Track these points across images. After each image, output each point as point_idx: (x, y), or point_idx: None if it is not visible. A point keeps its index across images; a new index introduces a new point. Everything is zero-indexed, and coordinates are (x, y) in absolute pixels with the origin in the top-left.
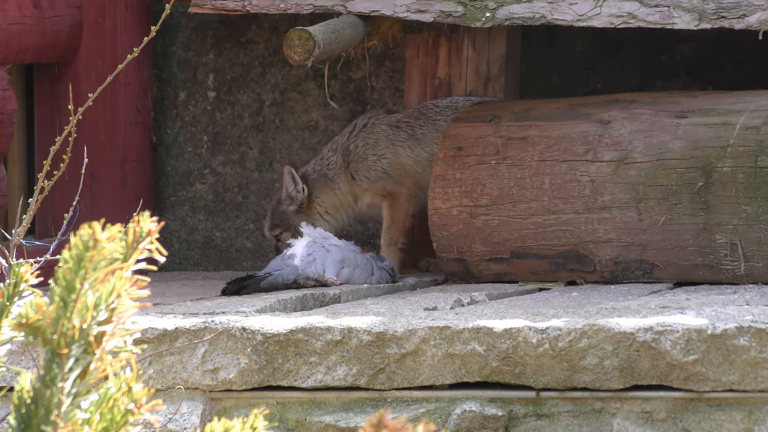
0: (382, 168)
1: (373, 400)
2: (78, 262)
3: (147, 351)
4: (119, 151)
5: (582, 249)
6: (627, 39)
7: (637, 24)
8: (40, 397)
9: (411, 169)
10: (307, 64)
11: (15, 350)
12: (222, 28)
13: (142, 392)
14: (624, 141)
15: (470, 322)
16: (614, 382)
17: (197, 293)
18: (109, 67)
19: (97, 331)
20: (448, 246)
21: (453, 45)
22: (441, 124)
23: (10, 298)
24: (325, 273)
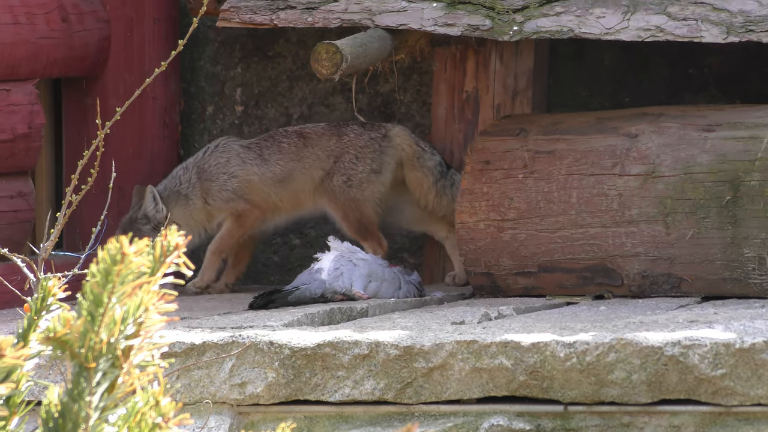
0: (233, 187)
1: (401, 415)
2: (105, 276)
3: (174, 365)
4: (147, 165)
5: (609, 263)
6: (655, 52)
7: (664, 37)
8: (68, 411)
9: (258, 187)
10: (335, 78)
11: (43, 364)
12: (250, 42)
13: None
14: (652, 155)
15: (498, 336)
16: (642, 397)
17: (225, 307)
18: (137, 81)
19: (124, 345)
20: (476, 260)
21: (480, 58)
22: (284, 147)
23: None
24: (353, 287)
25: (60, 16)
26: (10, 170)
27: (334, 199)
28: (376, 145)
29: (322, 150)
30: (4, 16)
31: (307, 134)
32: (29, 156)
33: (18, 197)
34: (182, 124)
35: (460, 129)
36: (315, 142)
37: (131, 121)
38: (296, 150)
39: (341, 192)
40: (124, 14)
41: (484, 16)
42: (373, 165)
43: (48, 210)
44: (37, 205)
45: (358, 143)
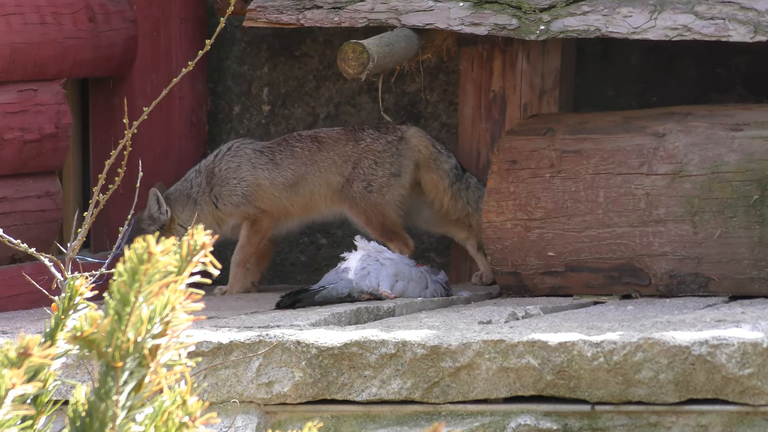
0: (242, 192)
1: (428, 414)
2: (132, 275)
3: (201, 364)
4: (174, 165)
5: (637, 262)
6: (682, 52)
7: (692, 36)
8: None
9: (268, 192)
10: (361, 78)
11: (70, 363)
12: (276, 42)
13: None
14: (679, 154)
15: (525, 336)
16: (669, 396)
17: (252, 307)
18: (164, 80)
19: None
20: (503, 259)
21: (507, 58)
22: (297, 151)
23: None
24: (380, 286)
25: (87, 16)
26: (38, 170)
27: (356, 206)
28: (393, 149)
29: (338, 155)
30: (31, 16)
31: (322, 138)
32: (56, 156)
33: (45, 197)
34: (209, 124)
35: (487, 128)
36: (330, 147)
37: (158, 121)
38: (309, 154)
39: (362, 198)
40: (150, 14)
41: (510, 16)
42: (392, 169)
43: (75, 210)
44: (65, 205)
45: (375, 148)
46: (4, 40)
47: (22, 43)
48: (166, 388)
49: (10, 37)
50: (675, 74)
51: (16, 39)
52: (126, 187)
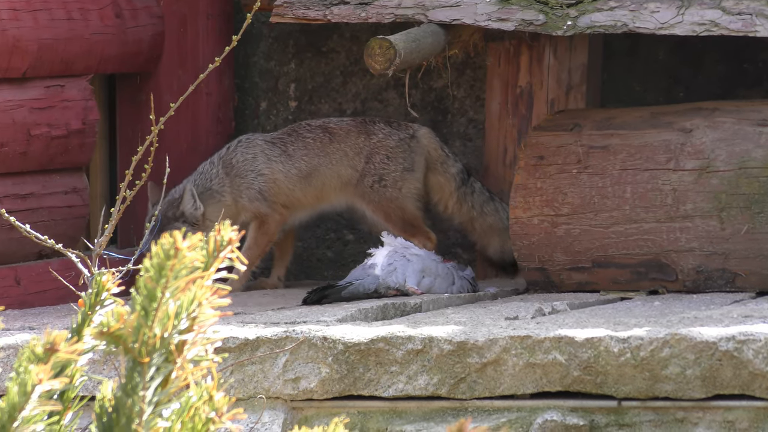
0: (259, 187)
1: (454, 410)
2: (159, 270)
3: (228, 360)
4: (201, 161)
5: (664, 258)
6: (709, 47)
7: (719, 32)
8: (122, 406)
9: (283, 186)
10: (388, 73)
11: (97, 359)
12: (303, 38)
13: (223, 401)
14: (706, 149)
15: (551, 332)
16: (696, 392)
17: (278, 302)
18: (191, 76)
19: (178, 339)
20: (529, 255)
21: (534, 53)
22: (309, 142)
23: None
24: (406, 282)
25: (114, 12)
26: (65, 166)
27: (372, 202)
28: (405, 145)
29: (350, 147)
30: (58, 12)
31: (333, 130)
32: (83, 152)
33: (72, 193)
34: (236, 120)
35: (514, 124)
36: (342, 139)
37: (185, 117)
38: (321, 145)
39: (377, 193)
40: (177, 10)
41: (537, 11)
42: (405, 164)
43: (102, 205)
44: (92, 201)
45: (389, 144)
46: (31, 36)
47: (49, 39)
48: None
49: (37, 33)
50: (702, 70)
51: (43, 35)
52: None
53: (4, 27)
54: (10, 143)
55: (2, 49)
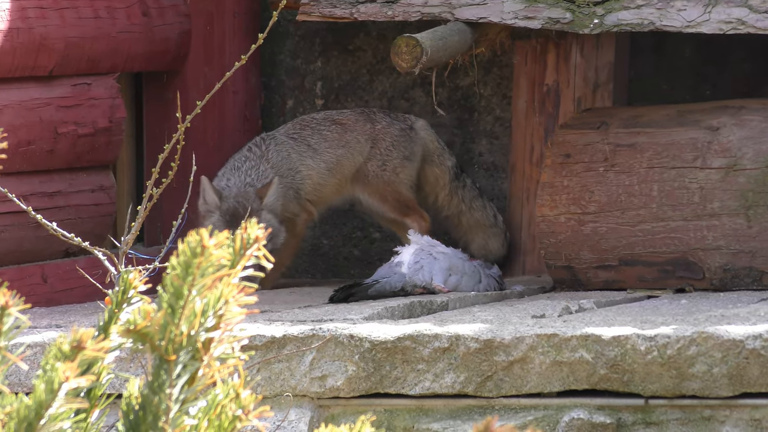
0: (296, 186)
1: (481, 408)
2: (186, 268)
3: (255, 358)
4: (227, 159)
5: (691, 256)
6: (736, 45)
7: (746, 30)
8: (148, 404)
9: (315, 181)
10: (415, 72)
11: (123, 357)
12: (329, 36)
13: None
14: (733, 147)
15: (578, 330)
16: (723, 390)
17: (305, 301)
18: (218, 74)
19: (204, 337)
20: (556, 253)
21: (561, 52)
22: (327, 134)
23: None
24: (433, 280)
25: (141, 11)
26: (92, 164)
27: (369, 185)
28: (406, 135)
29: (361, 135)
30: (85, 10)
31: (341, 120)
32: (110, 150)
33: (99, 191)
34: (262, 118)
35: (541, 122)
36: (353, 127)
37: (212, 115)
38: (338, 136)
39: (376, 176)
40: (204, 8)
41: (564, 9)
42: (405, 152)
43: (129, 203)
44: (118, 199)
45: (392, 132)
46: (58, 35)
47: (76, 37)
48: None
49: (64, 31)
50: (729, 67)
51: (70, 33)
52: (179, 181)
53: (31, 25)
54: (37, 141)
55: (29, 47)
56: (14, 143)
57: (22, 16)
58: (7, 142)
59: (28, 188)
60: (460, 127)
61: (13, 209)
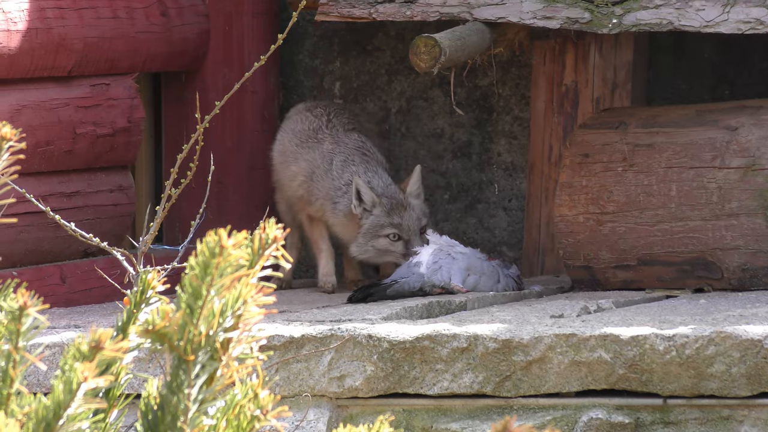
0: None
1: (499, 408)
2: (204, 268)
3: (273, 358)
4: (246, 159)
5: (709, 256)
6: (755, 45)
7: (764, 30)
8: (167, 404)
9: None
10: (433, 72)
11: (142, 357)
12: (348, 36)
13: (268, 399)
14: (752, 147)
15: (597, 330)
16: (742, 390)
17: (323, 301)
18: (236, 75)
19: (223, 337)
20: (575, 253)
21: (580, 52)
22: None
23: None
24: (451, 280)
25: (159, 11)
26: (110, 164)
27: None
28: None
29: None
30: (104, 10)
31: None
32: (129, 150)
33: (118, 191)
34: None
35: (559, 122)
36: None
37: (230, 115)
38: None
39: None
40: (223, 9)
41: (583, 9)
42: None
43: (148, 204)
44: (137, 199)
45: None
46: (77, 35)
47: (95, 37)
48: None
49: (83, 31)
50: (747, 67)
51: (88, 33)
52: (198, 181)
53: (50, 25)
54: (56, 141)
55: (48, 47)
56: (33, 143)
57: (41, 16)
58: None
59: (47, 188)
60: (479, 127)
61: (32, 210)
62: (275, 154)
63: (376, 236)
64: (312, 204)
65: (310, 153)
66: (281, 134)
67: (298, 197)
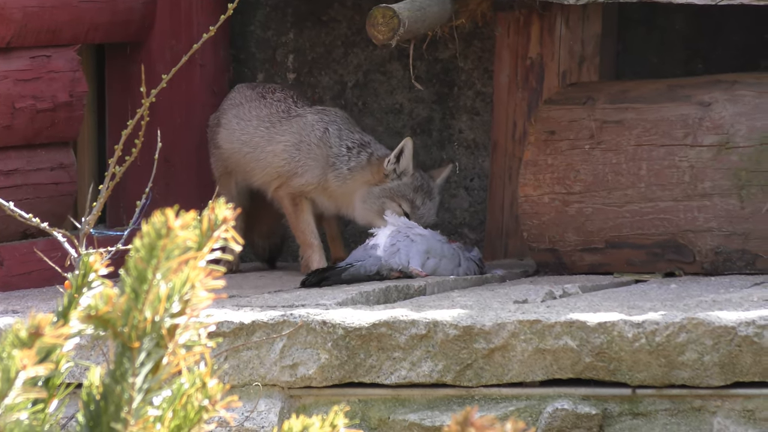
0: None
1: (460, 398)
2: (150, 250)
3: (222, 345)
4: (195, 135)
5: (681, 238)
6: (729, 17)
7: (739, 1)
8: (110, 393)
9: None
10: (392, 44)
11: (84, 344)
12: (302, 6)
13: (216, 388)
14: (726, 124)
15: (562, 316)
16: (714, 379)
17: (275, 285)
18: (185, 47)
19: (169, 323)
20: (540, 235)
21: (545, 23)
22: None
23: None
24: (410, 264)
25: None
26: (51, 141)
27: None
28: None
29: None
30: None
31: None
32: (71, 126)
33: (59, 169)
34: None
35: (524, 97)
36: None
37: (178, 89)
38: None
39: None
40: None
41: None
42: None
43: (90, 183)
44: (79, 178)
45: None
46: (15, 4)
47: (35, 6)
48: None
49: (22, 0)
50: (721, 40)
51: (28, 2)
52: (144, 159)
53: None
54: None
55: None
56: None
57: None
58: None
59: None
60: (440, 102)
61: None
62: (227, 142)
63: (392, 198)
64: (300, 176)
65: (290, 127)
66: (237, 122)
67: (277, 174)
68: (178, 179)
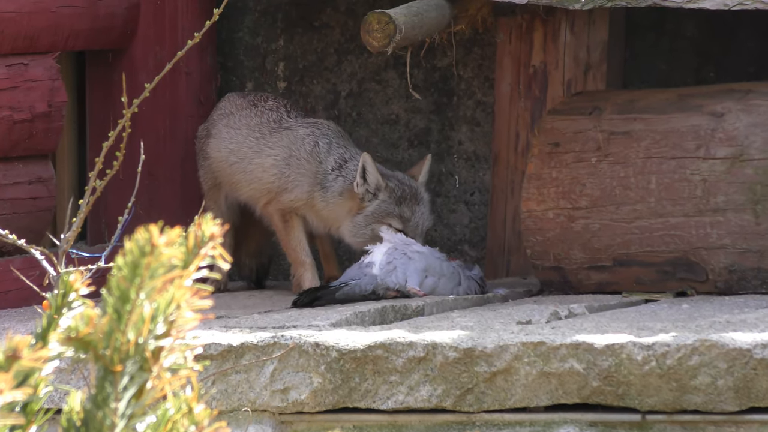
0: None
1: (460, 424)
2: (133, 269)
3: (210, 368)
4: (180, 147)
5: (693, 256)
6: (742, 22)
7: (753, 6)
8: (92, 420)
9: None
10: (387, 51)
11: (64, 368)
12: (293, 11)
13: (204, 414)
14: (739, 136)
15: (568, 338)
16: (728, 404)
17: (266, 305)
18: (169, 54)
19: (154, 345)
20: (544, 252)
21: (549, 29)
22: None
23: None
24: (407, 283)
25: None
26: (29, 153)
27: None
28: None
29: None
30: None
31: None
32: (49, 137)
33: (37, 183)
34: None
35: (527, 107)
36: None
37: (162, 99)
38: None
39: None
40: None
41: None
42: None
43: (70, 197)
44: (59, 192)
45: None
46: None
47: (12, 12)
48: (171, 394)
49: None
50: (735, 47)
51: (4, 8)
52: (126, 172)
53: None
54: None
55: None
56: None
57: None
58: None
59: None
60: (438, 112)
61: None
62: (216, 151)
63: (378, 222)
64: (289, 191)
65: (281, 140)
66: (227, 131)
67: (267, 190)
68: (163, 193)
